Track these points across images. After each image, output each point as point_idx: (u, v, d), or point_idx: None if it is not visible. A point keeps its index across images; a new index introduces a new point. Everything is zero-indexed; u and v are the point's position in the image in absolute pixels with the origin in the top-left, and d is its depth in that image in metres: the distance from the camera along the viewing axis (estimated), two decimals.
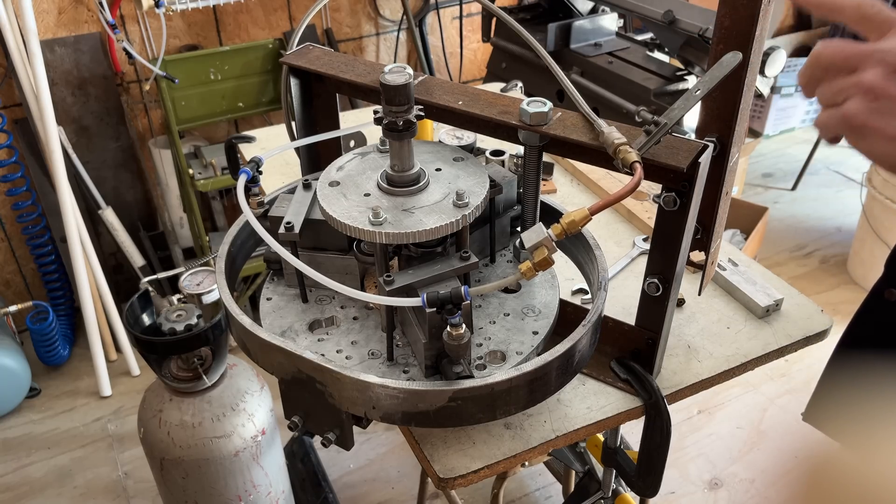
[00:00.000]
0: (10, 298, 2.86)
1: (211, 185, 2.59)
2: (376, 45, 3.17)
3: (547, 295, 1.07)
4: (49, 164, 2.42)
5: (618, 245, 1.47)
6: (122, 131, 2.77)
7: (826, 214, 3.61)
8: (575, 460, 1.80)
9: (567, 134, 0.93)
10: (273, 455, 1.57)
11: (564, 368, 0.93)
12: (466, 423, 0.97)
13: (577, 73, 2.48)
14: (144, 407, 1.50)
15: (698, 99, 0.86)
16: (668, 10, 2.12)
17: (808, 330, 1.24)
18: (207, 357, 1.44)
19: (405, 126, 0.89)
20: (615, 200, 0.82)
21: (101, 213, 2.66)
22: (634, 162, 0.84)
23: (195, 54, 2.63)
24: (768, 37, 1.10)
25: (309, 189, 1.07)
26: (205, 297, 1.39)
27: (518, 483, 2.34)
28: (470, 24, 3.26)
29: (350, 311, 1.05)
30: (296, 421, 1.00)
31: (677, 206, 0.90)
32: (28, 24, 2.25)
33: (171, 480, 1.51)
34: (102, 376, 2.65)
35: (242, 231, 1.11)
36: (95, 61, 2.63)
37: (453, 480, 0.99)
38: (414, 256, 0.98)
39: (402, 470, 2.38)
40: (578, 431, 1.07)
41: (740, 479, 2.32)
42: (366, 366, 0.96)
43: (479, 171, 0.98)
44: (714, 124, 1.07)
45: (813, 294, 1.26)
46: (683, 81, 2.25)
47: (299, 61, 1.13)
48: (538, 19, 2.62)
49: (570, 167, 1.72)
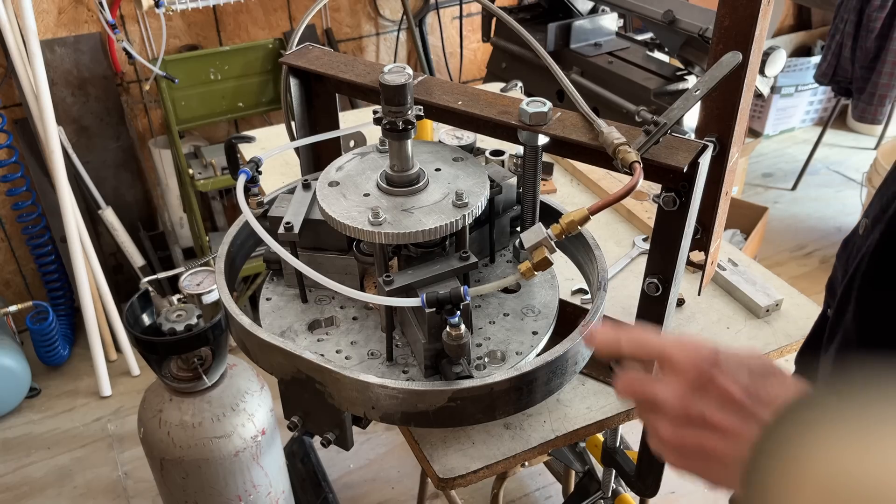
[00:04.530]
0: (10, 298, 2.86)
1: (211, 185, 2.59)
2: (376, 45, 3.17)
3: (547, 295, 1.06)
4: (49, 164, 2.42)
5: (618, 245, 1.47)
6: (122, 131, 2.77)
7: (826, 214, 3.61)
8: (575, 460, 1.80)
9: (567, 134, 0.93)
10: (273, 455, 1.57)
11: (564, 369, 0.93)
12: (466, 424, 0.97)
13: (577, 73, 2.48)
14: (144, 407, 1.50)
15: (698, 99, 0.86)
16: (668, 10, 2.12)
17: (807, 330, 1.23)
18: (207, 357, 1.44)
19: (405, 126, 0.89)
20: (614, 200, 0.82)
21: (101, 213, 2.66)
22: (634, 162, 0.84)
23: (195, 54, 2.63)
24: (768, 37, 1.10)
25: (308, 189, 1.07)
26: (205, 297, 1.39)
27: (518, 483, 2.34)
28: (470, 24, 3.26)
29: (349, 312, 1.05)
30: (295, 421, 1.00)
31: (677, 206, 0.90)
32: (28, 24, 2.25)
33: (171, 480, 1.51)
34: (102, 376, 2.65)
35: (242, 231, 1.11)
36: (95, 61, 2.63)
37: (453, 480, 0.99)
38: (413, 256, 0.98)
39: (402, 470, 2.38)
40: (578, 431, 1.07)
41: None
42: (365, 366, 0.96)
43: (479, 171, 0.98)
44: (714, 124, 1.07)
45: (813, 294, 1.25)
46: (683, 81, 2.25)
47: (299, 61, 1.13)
48: (538, 19, 2.62)
49: (570, 167, 1.72)
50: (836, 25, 3.09)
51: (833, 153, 4.06)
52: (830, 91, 3.78)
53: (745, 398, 0.59)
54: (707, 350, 0.63)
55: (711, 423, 0.60)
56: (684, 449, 0.62)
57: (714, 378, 0.60)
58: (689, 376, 0.62)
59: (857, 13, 3.00)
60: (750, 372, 0.60)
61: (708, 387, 0.61)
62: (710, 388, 0.60)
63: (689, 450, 0.62)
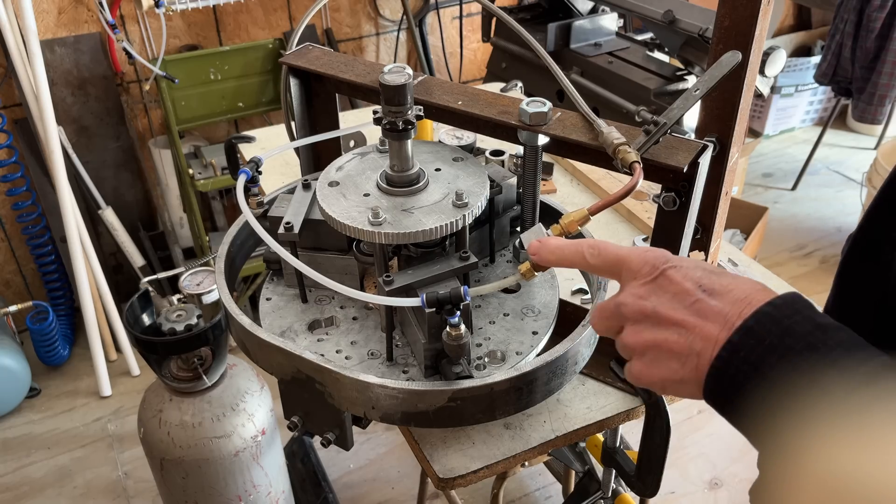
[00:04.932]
0: (10, 298, 2.86)
1: (211, 185, 2.59)
2: (376, 45, 3.17)
3: (546, 295, 1.06)
4: (49, 164, 2.42)
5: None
6: (122, 131, 2.77)
7: (826, 214, 3.61)
8: (575, 460, 1.80)
9: (567, 134, 0.93)
10: (273, 455, 1.57)
11: (564, 369, 0.93)
12: (466, 424, 0.97)
13: (577, 73, 2.48)
14: (144, 407, 1.50)
15: (698, 99, 0.86)
16: (668, 10, 2.12)
17: None
18: (207, 357, 1.44)
19: (405, 126, 0.89)
20: (614, 201, 0.82)
21: (101, 213, 2.66)
22: (634, 162, 0.84)
23: (195, 54, 2.63)
24: (768, 37, 1.10)
25: (308, 189, 1.07)
26: (205, 297, 1.39)
27: (518, 483, 2.34)
28: (470, 24, 3.26)
29: (349, 312, 1.05)
30: (295, 421, 1.00)
31: (677, 206, 0.90)
32: (28, 24, 2.25)
33: (171, 480, 1.51)
34: (102, 376, 2.65)
35: (242, 231, 1.11)
36: (95, 61, 2.63)
37: (453, 481, 0.99)
38: (413, 256, 0.98)
39: (402, 470, 2.38)
40: (578, 431, 1.07)
41: (740, 479, 2.32)
42: (365, 366, 0.96)
43: (479, 171, 0.98)
44: (714, 124, 1.07)
45: (813, 294, 1.25)
46: (683, 81, 2.25)
47: (299, 61, 1.13)
48: (538, 19, 2.62)
49: (570, 167, 1.72)
50: (836, 25, 3.09)
51: (833, 153, 4.06)
52: (830, 91, 3.78)
53: (696, 290, 0.60)
54: (661, 251, 0.65)
55: (665, 318, 0.60)
56: (643, 347, 0.62)
57: (666, 272, 0.62)
58: (643, 273, 0.63)
59: (857, 13, 3.00)
60: (703, 269, 0.62)
61: (661, 282, 0.62)
62: (664, 283, 0.62)
63: (647, 348, 0.62)
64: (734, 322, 0.56)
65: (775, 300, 0.56)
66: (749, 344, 0.55)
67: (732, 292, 0.58)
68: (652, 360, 0.62)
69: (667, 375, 0.61)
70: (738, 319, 0.56)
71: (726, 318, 0.57)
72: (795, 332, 0.53)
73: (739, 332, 0.56)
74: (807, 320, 0.54)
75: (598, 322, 0.68)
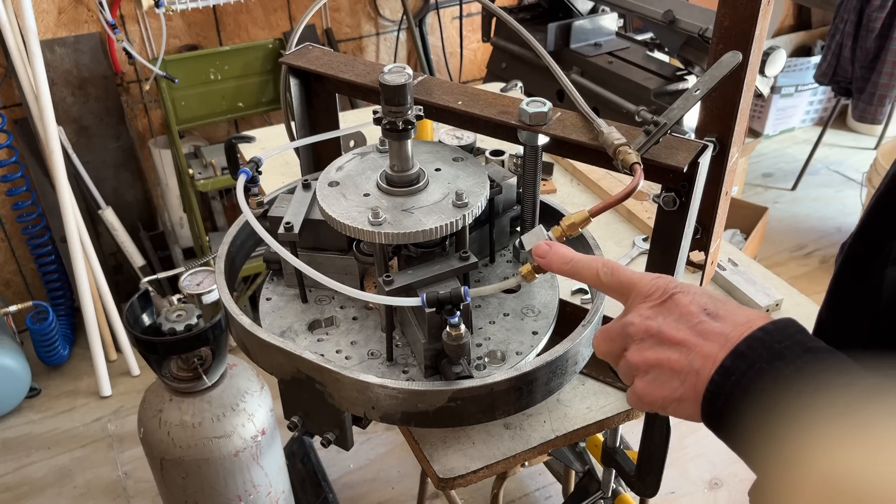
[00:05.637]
0: (10, 298, 2.86)
1: (211, 185, 2.59)
2: (376, 45, 3.17)
3: (547, 295, 1.06)
4: (49, 164, 2.42)
5: (618, 245, 1.47)
6: (122, 131, 2.77)
7: (826, 214, 3.62)
8: (575, 460, 1.80)
9: (567, 134, 0.93)
10: (273, 455, 1.57)
11: (564, 369, 0.93)
12: (466, 424, 0.97)
13: (577, 73, 2.48)
14: (144, 407, 1.50)
15: (698, 99, 0.86)
16: (668, 10, 2.12)
17: None
18: (207, 357, 1.44)
19: (405, 126, 0.89)
20: (615, 202, 0.82)
21: (101, 213, 2.66)
22: (634, 163, 0.84)
23: (195, 54, 2.63)
24: (768, 37, 1.10)
25: (308, 189, 1.07)
26: (205, 297, 1.39)
27: (518, 483, 2.34)
28: (470, 24, 3.26)
29: (349, 312, 1.05)
30: (295, 421, 1.00)
31: (677, 206, 0.90)
32: (28, 24, 2.25)
33: (171, 480, 1.51)
34: (102, 376, 2.65)
35: (242, 231, 1.11)
36: (95, 61, 2.63)
37: (453, 481, 0.99)
38: (413, 256, 0.97)
39: (402, 470, 2.38)
40: (578, 431, 1.07)
41: (740, 479, 2.32)
42: (365, 366, 0.96)
43: (479, 171, 0.98)
44: (714, 124, 1.07)
45: (813, 294, 1.25)
46: (683, 81, 2.25)
47: (299, 61, 1.13)
48: (538, 19, 2.62)
49: (570, 167, 1.72)
50: (836, 25, 3.09)
51: (833, 153, 4.07)
52: (830, 91, 3.78)
53: (701, 313, 0.62)
54: (670, 278, 0.67)
55: (669, 337, 0.62)
56: (646, 366, 0.63)
57: (674, 296, 0.64)
58: (654, 296, 0.65)
59: (857, 13, 3.00)
60: (709, 297, 0.64)
61: (669, 304, 0.64)
62: (671, 305, 0.63)
63: (650, 366, 0.63)
64: (734, 343, 0.58)
65: (768, 325, 0.58)
66: (740, 368, 0.56)
67: (735, 316, 0.60)
68: (653, 379, 0.63)
69: (667, 394, 0.62)
70: (738, 340, 0.58)
71: (727, 338, 0.59)
72: (785, 356, 0.55)
73: (731, 356, 0.57)
74: (797, 345, 0.56)
75: (602, 343, 0.69)
